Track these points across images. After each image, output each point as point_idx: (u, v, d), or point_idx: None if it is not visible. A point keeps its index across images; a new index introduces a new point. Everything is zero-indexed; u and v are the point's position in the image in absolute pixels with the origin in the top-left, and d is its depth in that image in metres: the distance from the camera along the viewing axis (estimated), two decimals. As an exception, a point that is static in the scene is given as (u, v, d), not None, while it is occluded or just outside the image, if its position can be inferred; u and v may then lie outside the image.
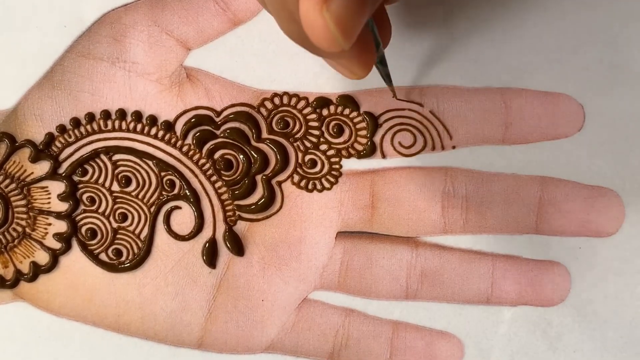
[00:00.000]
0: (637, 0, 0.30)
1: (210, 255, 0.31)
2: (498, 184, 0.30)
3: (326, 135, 0.31)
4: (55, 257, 0.31)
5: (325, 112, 0.31)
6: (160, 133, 0.31)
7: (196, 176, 0.31)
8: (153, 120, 0.30)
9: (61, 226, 0.31)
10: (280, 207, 0.31)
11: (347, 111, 0.30)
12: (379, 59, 0.27)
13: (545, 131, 0.30)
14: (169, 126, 0.30)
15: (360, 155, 0.31)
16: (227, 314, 0.31)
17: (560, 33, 0.30)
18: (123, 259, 0.31)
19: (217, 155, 0.31)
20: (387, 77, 0.28)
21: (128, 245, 0.31)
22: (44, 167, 0.30)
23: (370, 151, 0.30)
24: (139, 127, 0.30)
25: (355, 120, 0.30)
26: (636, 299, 0.30)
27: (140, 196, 0.31)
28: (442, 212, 0.30)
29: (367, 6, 0.20)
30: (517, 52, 0.30)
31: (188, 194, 0.31)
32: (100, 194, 0.31)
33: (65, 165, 0.31)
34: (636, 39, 0.30)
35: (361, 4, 0.19)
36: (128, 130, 0.31)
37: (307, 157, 0.31)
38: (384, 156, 0.31)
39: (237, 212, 0.31)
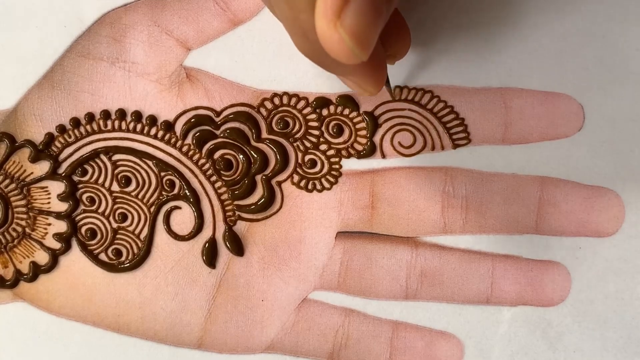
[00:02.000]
0: (637, 0, 0.30)
1: (210, 255, 0.31)
2: (498, 184, 0.30)
3: (326, 135, 0.31)
4: (55, 257, 0.31)
5: (325, 112, 0.31)
6: (160, 133, 0.30)
7: (196, 176, 0.31)
8: (153, 120, 0.30)
9: (61, 226, 0.31)
10: (280, 207, 0.31)
11: (346, 111, 0.30)
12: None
13: (545, 131, 0.30)
14: (169, 126, 0.30)
15: (360, 155, 0.31)
16: (226, 314, 0.31)
17: (560, 33, 0.30)
18: (123, 259, 0.31)
19: (217, 155, 0.31)
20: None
21: (128, 245, 0.31)
22: (43, 167, 0.30)
23: (370, 151, 0.30)
24: (138, 127, 0.30)
25: (355, 120, 0.30)
26: (636, 299, 0.30)
27: (140, 196, 0.31)
28: (442, 212, 0.30)
29: (380, 17, 0.20)
30: (517, 53, 0.30)
31: (188, 194, 0.31)
32: (100, 194, 0.31)
33: (65, 165, 0.31)
34: (636, 39, 0.30)
35: (373, 15, 0.19)
36: (128, 130, 0.30)
37: (307, 157, 0.31)
38: (383, 156, 0.31)
39: (237, 212, 0.31)
